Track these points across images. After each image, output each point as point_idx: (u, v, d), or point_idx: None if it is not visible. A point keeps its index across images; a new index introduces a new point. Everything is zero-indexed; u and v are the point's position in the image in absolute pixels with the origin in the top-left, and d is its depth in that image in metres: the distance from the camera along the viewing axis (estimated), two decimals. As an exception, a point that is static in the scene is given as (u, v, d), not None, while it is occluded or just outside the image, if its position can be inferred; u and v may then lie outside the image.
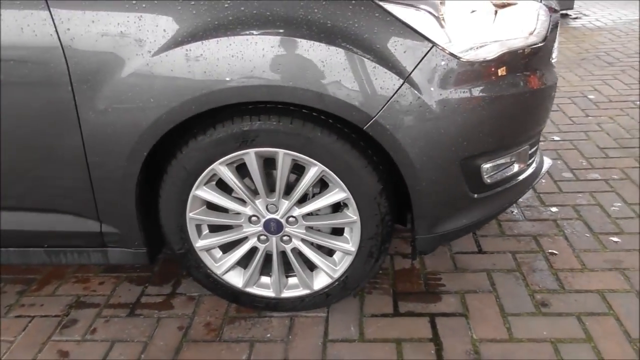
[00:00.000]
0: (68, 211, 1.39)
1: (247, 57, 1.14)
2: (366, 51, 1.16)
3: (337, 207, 1.43)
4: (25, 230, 1.44)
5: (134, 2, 1.15)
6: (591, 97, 3.08)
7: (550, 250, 1.76)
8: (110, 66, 1.17)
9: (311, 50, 1.14)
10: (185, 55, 1.15)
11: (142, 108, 1.19)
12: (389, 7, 1.17)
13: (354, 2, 1.16)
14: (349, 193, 1.30)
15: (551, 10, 1.41)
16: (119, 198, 1.32)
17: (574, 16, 5.16)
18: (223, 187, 1.38)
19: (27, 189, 1.36)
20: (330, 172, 1.28)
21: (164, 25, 1.15)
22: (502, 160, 1.40)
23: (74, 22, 1.16)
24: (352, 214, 1.35)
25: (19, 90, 1.21)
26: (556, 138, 2.57)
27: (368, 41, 1.16)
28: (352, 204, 1.32)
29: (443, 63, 1.19)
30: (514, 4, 1.30)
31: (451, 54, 1.19)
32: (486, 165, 1.35)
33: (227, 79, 1.15)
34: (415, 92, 1.18)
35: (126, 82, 1.17)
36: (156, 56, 1.15)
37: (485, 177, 1.36)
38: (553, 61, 1.48)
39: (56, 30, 1.16)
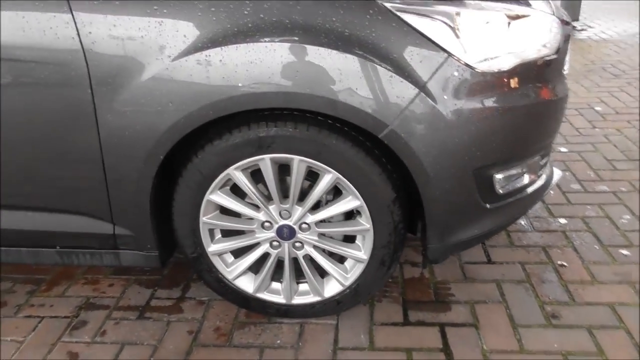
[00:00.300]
0: (82, 212, 1.39)
1: (265, 64, 1.15)
2: (383, 60, 1.17)
3: (350, 215, 1.44)
4: (38, 231, 1.44)
5: (155, 7, 1.17)
6: (598, 108, 3.10)
7: (559, 262, 1.75)
8: (130, 70, 1.18)
9: (329, 58, 1.15)
10: (205, 61, 1.16)
11: (161, 112, 1.20)
12: (405, 17, 1.18)
13: (371, 11, 1.17)
14: (363, 201, 1.31)
15: (563, 22, 1.42)
16: (133, 200, 1.33)
17: (579, 28, 5.19)
18: (237, 192, 1.38)
19: (41, 188, 1.37)
20: (345, 179, 1.28)
21: (184, 31, 1.16)
22: (514, 171, 1.40)
23: (95, 26, 1.17)
24: (365, 222, 1.35)
25: (40, 91, 1.22)
26: (563, 149, 2.58)
27: (384, 50, 1.17)
28: (366, 211, 1.33)
29: (458, 73, 1.20)
30: (527, 16, 1.31)
31: (466, 65, 1.20)
32: (499, 176, 1.35)
33: (245, 85, 1.16)
34: (430, 101, 1.19)
35: (145, 85, 1.19)
36: (176, 61, 1.17)
37: (497, 187, 1.36)
38: (565, 73, 1.50)
39: (78, 34, 1.17)
